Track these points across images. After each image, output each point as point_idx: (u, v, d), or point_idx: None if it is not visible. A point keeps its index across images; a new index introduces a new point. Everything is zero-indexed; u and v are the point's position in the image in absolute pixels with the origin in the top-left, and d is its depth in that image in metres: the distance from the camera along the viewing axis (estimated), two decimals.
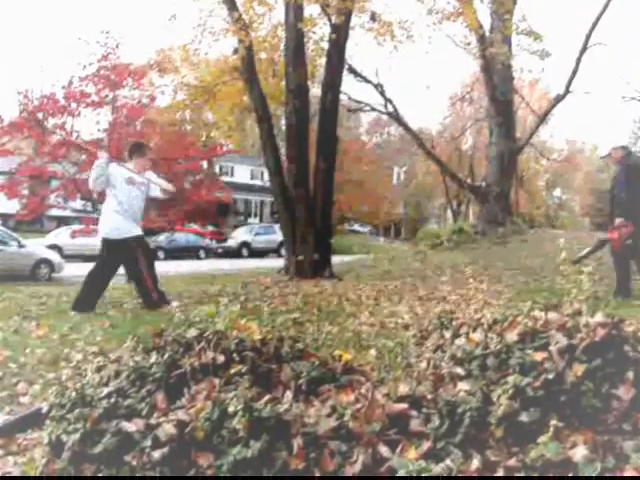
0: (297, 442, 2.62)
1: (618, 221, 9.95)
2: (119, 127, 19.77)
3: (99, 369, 3.53)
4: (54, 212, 30.42)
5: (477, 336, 3.28)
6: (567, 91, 25.80)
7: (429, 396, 2.91)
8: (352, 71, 25.56)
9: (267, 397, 2.87)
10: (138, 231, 8.96)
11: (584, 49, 24.96)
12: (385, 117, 40.02)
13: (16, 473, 3.24)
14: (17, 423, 3.85)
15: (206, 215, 35.67)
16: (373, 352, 3.95)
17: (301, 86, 15.25)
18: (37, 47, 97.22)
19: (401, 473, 2.36)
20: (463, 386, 2.91)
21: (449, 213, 66.90)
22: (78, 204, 23.06)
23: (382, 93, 28.06)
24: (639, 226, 9.79)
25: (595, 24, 24.45)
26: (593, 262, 10.88)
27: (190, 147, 21.85)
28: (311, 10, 16.22)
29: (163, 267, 14.17)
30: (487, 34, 22.21)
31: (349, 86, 41.88)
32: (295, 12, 14.87)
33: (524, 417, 2.64)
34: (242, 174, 63.49)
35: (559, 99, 26.83)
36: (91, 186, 9.20)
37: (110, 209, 8.90)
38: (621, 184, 10.21)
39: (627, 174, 10.27)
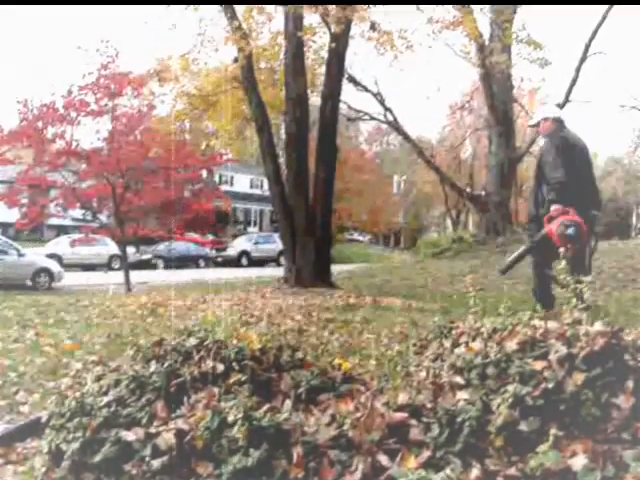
0: (297, 451, 2.62)
1: (554, 208, 7.77)
2: (119, 136, 19.75)
3: (99, 378, 3.53)
4: (54, 221, 30.42)
5: (477, 345, 3.28)
6: (567, 100, 25.82)
7: (429, 405, 2.91)
8: (352, 80, 25.61)
9: (267, 406, 2.88)
10: None
11: (584, 58, 25.01)
12: (385, 126, 40.07)
13: None
14: (17, 432, 3.85)
15: (206, 224, 35.66)
16: (373, 361, 3.96)
17: (301, 95, 15.27)
18: (37, 56, 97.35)
19: None
20: (463, 395, 2.91)
21: (448, 222, 66.91)
22: (78, 213, 23.05)
23: (382, 102, 28.13)
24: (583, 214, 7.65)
25: (595, 33, 24.52)
26: (592, 271, 10.86)
27: (190, 156, 21.83)
28: (311, 19, 16.27)
29: (162, 276, 14.18)
30: (487, 43, 22.24)
31: (349, 95, 41.90)
32: (295, 21, 14.91)
33: (524, 426, 2.64)
34: (242, 183, 63.50)
35: (559, 108, 26.87)
36: None
37: None
38: (554, 162, 8.08)
39: (558, 149, 8.17)
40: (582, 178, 8.12)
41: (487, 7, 18.90)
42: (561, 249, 5.28)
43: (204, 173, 33.51)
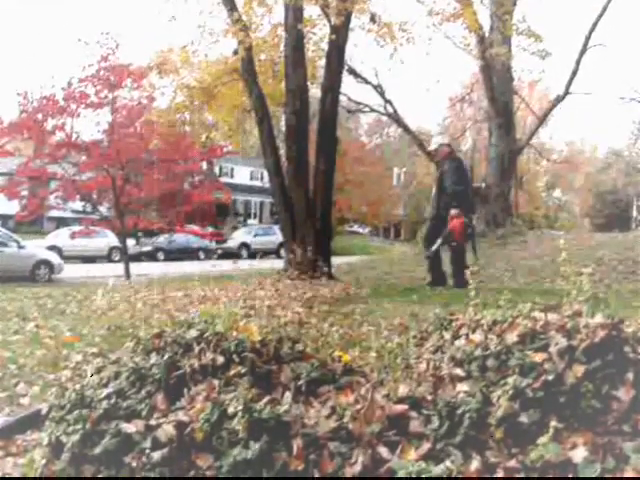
0: (297, 443, 2.62)
1: (455, 211, 11.17)
2: (119, 128, 19.74)
3: (99, 370, 3.54)
4: (54, 213, 30.40)
5: (477, 337, 3.28)
6: (567, 92, 25.82)
7: (429, 397, 2.91)
8: (352, 72, 25.56)
9: (267, 398, 2.88)
10: None
11: (584, 50, 24.97)
12: (385, 118, 40.02)
13: (16, 474, 3.24)
14: (16, 424, 3.85)
15: (206, 216, 35.68)
16: (373, 353, 3.95)
17: (301, 87, 15.24)
18: (37, 48, 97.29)
19: (401, 474, 2.36)
20: (463, 387, 2.91)
21: None
22: (78, 205, 23.04)
23: (382, 94, 28.08)
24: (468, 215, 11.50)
25: (595, 25, 24.47)
26: (592, 263, 10.89)
27: (190, 148, 21.82)
28: (311, 11, 16.24)
29: (162, 268, 14.18)
30: (487, 35, 22.20)
31: (349, 87, 41.84)
32: (295, 13, 14.86)
33: (524, 418, 2.64)
34: (242, 175, 63.49)
35: (559, 100, 26.86)
36: None
37: None
38: (454, 178, 11.52)
39: (458, 170, 11.75)
40: (469, 190, 11.86)
41: None
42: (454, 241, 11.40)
43: (204, 165, 33.49)
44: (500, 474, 2.45)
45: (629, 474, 2.35)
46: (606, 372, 2.75)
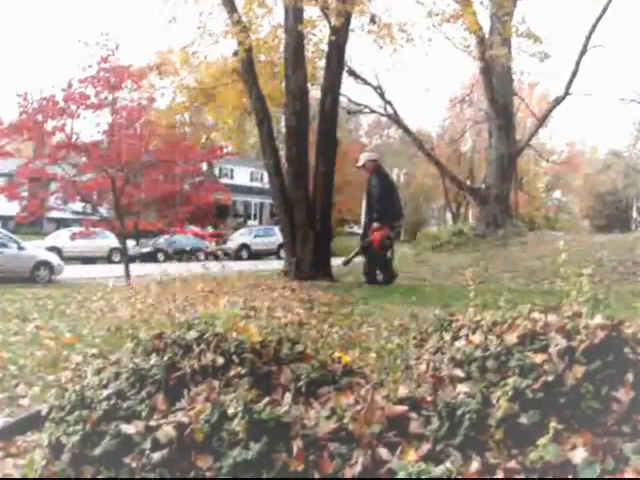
0: (297, 444, 2.62)
1: (376, 225, 12.70)
2: (119, 129, 19.71)
3: (99, 371, 3.53)
4: (54, 214, 30.35)
5: (477, 338, 3.28)
6: (567, 93, 25.78)
7: (429, 398, 2.91)
8: (352, 73, 25.52)
9: (267, 399, 2.87)
10: None
11: (584, 51, 24.94)
12: (385, 119, 39.98)
13: (16, 475, 3.24)
14: (17, 425, 3.85)
15: (206, 217, 35.58)
16: (373, 354, 3.95)
17: (301, 88, 15.23)
18: (37, 49, 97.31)
19: (401, 475, 2.36)
20: (463, 388, 2.91)
21: (448, 215, 66.87)
22: (78, 206, 23.00)
23: (382, 95, 28.03)
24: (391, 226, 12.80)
25: (595, 26, 24.43)
26: (592, 264, 10.88)
27: (190, 149, 21.79)
28: (311, 12, 16.23)
29: (162, 269, 14.16)
30: (487, 36, 22.14)
31: (349, 88, 41.74)
32: (295, 14, 14.86)
33: (524, 419, 2.64)
34: (242, 176, 63.42)
35: (559, 101, 26.82)
36: None
37: None
38: (378, 193, 12.80)
39: (382, 184, 12.93)
40: (394, 202, 13.04)
41: (487, 0, 18.83)
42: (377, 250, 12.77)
43: (204, 166, 33.45)
44: (500, 475, 2.45)
45: (629, 475, 2.35)
46: (606, 373, 2.75)
